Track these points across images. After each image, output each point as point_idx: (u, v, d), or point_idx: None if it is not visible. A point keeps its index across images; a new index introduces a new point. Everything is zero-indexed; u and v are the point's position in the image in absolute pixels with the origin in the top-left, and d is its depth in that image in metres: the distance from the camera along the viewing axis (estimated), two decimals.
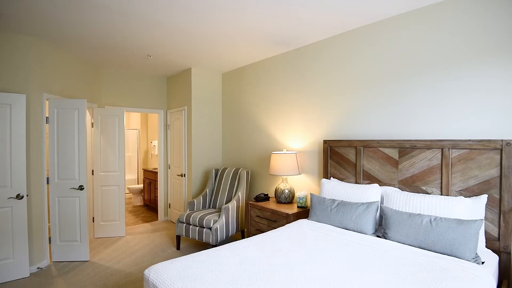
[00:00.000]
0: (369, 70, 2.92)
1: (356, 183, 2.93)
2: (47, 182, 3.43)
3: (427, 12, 2.51)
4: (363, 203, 2.42)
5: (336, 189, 2.74)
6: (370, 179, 2.84)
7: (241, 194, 3.93)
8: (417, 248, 2.02)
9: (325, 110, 3.32)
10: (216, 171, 4.45)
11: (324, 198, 2.63)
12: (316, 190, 3.42)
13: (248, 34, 3.16)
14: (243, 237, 4.10)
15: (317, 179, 3.42)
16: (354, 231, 2.36)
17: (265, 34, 3.18)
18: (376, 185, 2.58)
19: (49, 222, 3.77)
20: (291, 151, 3.48)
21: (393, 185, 2.67)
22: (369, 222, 2.33)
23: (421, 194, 2.32)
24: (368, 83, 2.94)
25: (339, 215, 2.45)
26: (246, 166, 4.45)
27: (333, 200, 2.58)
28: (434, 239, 1.98)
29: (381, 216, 2.57)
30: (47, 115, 3.47)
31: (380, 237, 2.32)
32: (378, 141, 2.76)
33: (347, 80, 3.10)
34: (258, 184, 4.22)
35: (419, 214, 2.13)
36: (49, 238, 3.49)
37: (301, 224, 2.54)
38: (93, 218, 4.37)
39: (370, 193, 2.53)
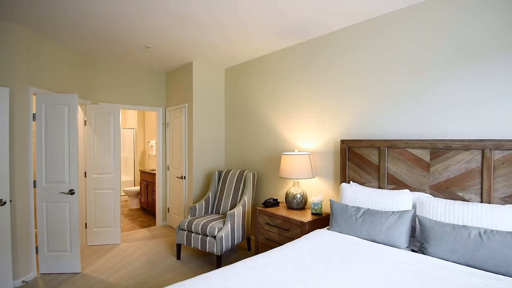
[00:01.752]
0: (393, 62, 2.62)
1: (379, 187, 2.62)
2: (34, 186, 3.08)
3: None
4: (394, 211, 2.12)
5: (360, 195, 2.43)
6: (395, 183, 2.53)
7: (247, 198, 3.61)
8: (465, 267, 1.71)
9: (342, 107, 3.01)
10: (219, 173, 4.13)
11: (347, 205, 2.32)
12: (331, 195, 3.11)
13: (256, 23, 2.85)
14: (249, 246, 3.78)
15: (332, 182, 3.11)
16: (385, 245, 2.05)
17: (275, 24, 2.87)
18: (407, 191, 2.28)
19: (35, 228, 3.41)
20: (304, 152, 3.17)
21: (424, 191, 2.36)
22: (403, 234, 2.02)
23: (462, 201, 2.02)
24: (392, 76, 2.63)
25: (366, 225, 2.14)
26: (252, 168, 4.13)
27: (358, 208, 2.27)
28: (486, 256, 1.67)
29: (412, 227, 2.26)
30: (34, 112, 3.13)
31: (415, 251, 2.02)
32: (406, 141, 2.45)
33: (368, 74, 2.80)
34: (265, 188, 3.91)
35: (464, 225, 1.83)
36: (36, 248, 3.14)
37: (321, 235, 2.22)
38: (86, 224, 4.03)
39: (401, 200, 2.23)
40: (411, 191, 2.41)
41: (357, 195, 2.44)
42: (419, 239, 2.13)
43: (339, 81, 3.04)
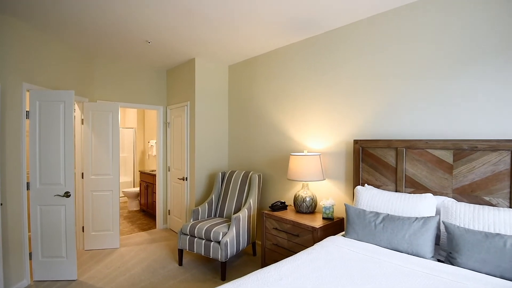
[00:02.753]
0: (412, 56, 2.45)
1: (396, 191, 2.45)
2: (27, 188, 2.90)
3: None
4: (417, 217, 1.95)
5: (377, 199, 2.25)
6: (414, 186, 2.36)
7: (252, 201, 3.43)
8: (500, 279, 1.55)
9: (355, 105, 2.84)
10: (223, 174, 3.96)
11: (364, 210, 2.15)
12: (343, 199, 2.94)
13: (264, 15, 2.68)
14: (254, 251, 3.61)
15: (343, 185, 2.94)
16: (408, 254, 1.88)
17: (285, 16, 2.70)
18: (430, 195, 2.11)
19: (29, 232, 3.22)
20: (314, 153, 3.00)
21: (446, 195, 2.20)
22: (428, 243, 1.85)
23: (492, 207, 1.85)
24: (410, 72, 2.47)
25: (387, 233, 1.97)
26: (256, 169, 3.96)
27: (377, 214, 2.09)
28: None
29: (436, 235, 2.09)
30: (27, 109, 2.95)
31: (441, 261, 1.85)
32: (427, 141, 2.28)
33: (384, 69, 2.63)
34: (271, 190, 3.74)
35: (498, 234, 1.66)
36: (30, 254, 2.96)
37: (338, 243, 2.05)
38: (83, 227, 3.84)
39: (424, 205, 2.06)
40: (432, 195, 2.24)
41: (375, 199, 2.27)
42: (444, 247, 1.96)
43: (352, 78, 2.87)
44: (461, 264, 1.69)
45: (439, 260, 1.86)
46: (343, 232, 2.40)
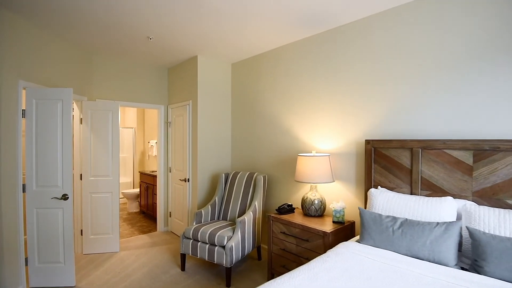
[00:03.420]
0: (428, 52, 2.34)
1: (411, 193, 2.34)
2: (23, 190, 2.77)
3: None
4: (438, 223, 1.83)
5: (393, 203, 2.14)
6: (431, 189, 2.25)
7: (257, 203, 3.31)
8: None
9: (367, 104, 2.72)
10: (226, 175, 3.83)
11: (381, 215, 2.03)
12: (353, 202, 2.82)
13: (271, 10, 2.56)
14: (259, 255, 3.48)
15: (353, 187, 2.82)
16: (430, 262, 1.77)
17: (293, 9, 2.58)
18: (450, 198, 1.99)
19: (25, 235, 3.08)
20: (322, 153, 2.88)
21: (465, 197, 2.08)
22: (451, 250, 1.74)
23: None
24: (426, 68, 2.35)
25: (406, 239, 1.85)
26: (261, 170, 3.84)
27: (394, 219, 1.98)
28: None
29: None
30: (23, 108, 2.83)
31: (466, 269, 1.73)
32: (444, 142, 2.17)
33: (398, 67, 2.51)
34: (276, 192, 3.61)
35: None
36: (26, 259, 2.83)
37: (353, 250, 1.93)
38: (81, 231, 3.71)
39: (444, 208, 1.94)
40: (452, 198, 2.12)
41: (390, 202, 2.15)
42: (466, 254, 1.84)
43: (363, 75, 2.76)
44: (488, 273, 1.58)
45: (463, 268, 1.75)
46: (356, 238, 2.28)
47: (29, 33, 2.85)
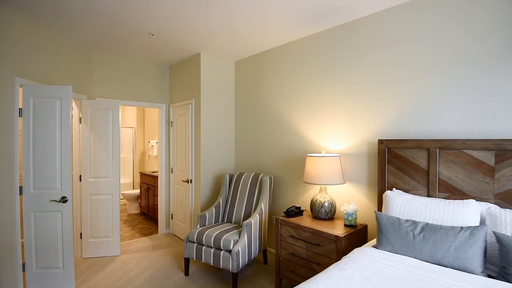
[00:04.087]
0: (444, 47, 2.23)
1: (428, 195, 2.23)
2: (20, 193, 2.65)
3: None
4: (463, 227, 1.72)
5: (412, 206, 2.03)
6: (449, 191, 2.14)
7: (263, 205, 3.20)
8: None
9: (380, 102, 2.62)
10: (231, 176, 3.72)
11: (399, 219, 1.93)
12: (365, 204, 2.71)
13: (277, 4, 2.45)
14: (265, 259, 3.37)
15: (365, 189, 2.72)
16: (454, 269, 1.66)
17: (300, 5, 2.47)
18: (473, 201, 1.89)
19: (22, 239, 2.95)
20: (333, 154, 2.77)
21: (487, 200, 1.98)
22: (477, 256, 1.63)
23: None
24: (442, 65, 2.25)
25: (428, 245, 1.74)
26: (266, 171, 3.73)
27: (414, 223, 1.87)
28: None
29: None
30: (20, 106, 2.70)
31: (493, 277, 1.63)
32: (464, 141, 2.07)
33: (412, 64, 2.41)
34: (283, 194, 3.50)
35: None
36: (23, 265, 2.70)
37: (371, 256, 1.82)
38: (81, 234, 3.59)
39: (467, 212, 1.83)
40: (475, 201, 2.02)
41: (408, 205, 2.04)
42: (492, 261, 1.74)
43: (375, 73, 2.65)
44: None
45: (489, 276, 1.64)
46: (372, 242, 2.18)
47: (26, 29, 2.72)
